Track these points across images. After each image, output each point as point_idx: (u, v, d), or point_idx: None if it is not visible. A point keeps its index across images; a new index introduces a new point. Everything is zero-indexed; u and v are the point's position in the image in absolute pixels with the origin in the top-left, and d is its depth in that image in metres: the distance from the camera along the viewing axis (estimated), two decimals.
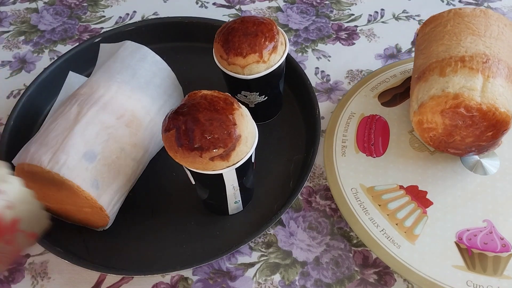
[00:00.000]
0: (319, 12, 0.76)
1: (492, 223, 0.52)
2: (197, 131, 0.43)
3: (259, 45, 0.52)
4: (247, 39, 0.52)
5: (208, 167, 0.44)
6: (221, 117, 0.44)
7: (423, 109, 0.52)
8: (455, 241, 0.51)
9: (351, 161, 0.57)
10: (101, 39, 0.66)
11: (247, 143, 0.45)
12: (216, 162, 0.44)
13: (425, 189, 0.54)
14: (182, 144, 0.44)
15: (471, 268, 0.49)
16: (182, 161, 0.45)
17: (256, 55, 0.52)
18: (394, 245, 0.50)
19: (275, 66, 0.53)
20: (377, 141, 0.58)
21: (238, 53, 0.52)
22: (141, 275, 0.49)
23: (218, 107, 0.45)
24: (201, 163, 0.44)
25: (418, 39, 0.59)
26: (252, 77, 0.53)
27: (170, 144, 0.45)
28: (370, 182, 0.55)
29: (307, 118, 0.61)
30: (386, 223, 0.52)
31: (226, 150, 0.44)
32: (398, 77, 0.65)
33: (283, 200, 0.55)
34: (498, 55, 0.51)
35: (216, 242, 0.53)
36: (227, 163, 0.45)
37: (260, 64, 0.52)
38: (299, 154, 0.59)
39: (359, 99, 0.62)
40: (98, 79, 0.53)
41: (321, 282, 0.50)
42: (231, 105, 0.45)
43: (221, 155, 0.44)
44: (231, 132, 0.44)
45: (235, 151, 0.44)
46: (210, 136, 0.43)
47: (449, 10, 0.56)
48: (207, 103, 0.45)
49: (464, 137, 0.52)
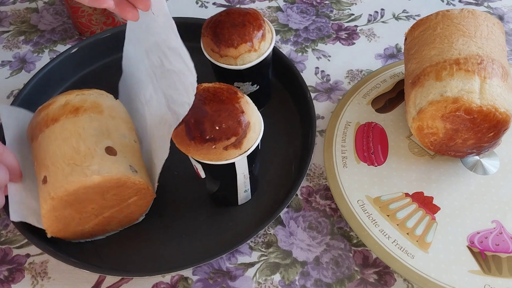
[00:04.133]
0: (319, 12, 0.76)
1: (501, 224, 0.52)
2: (207, 123, 0.44)
3: (248, 34, 0.53)
4: (236, 30, 0.53)
5: (222, 157, 0.45)
6: (228, 107, 0.44)
7: (422, 115, 0.52)
8: (467, 245, 0.50)
9: (353, 172, 0.56)
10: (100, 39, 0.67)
11: (255, 129, 0.46)
12: (230, 151, 0.44)
13: (431, 195, 0.54)
14: (194, 137, 0.44)
15: (486, 272, 0.48)
16: (196, 154, 0.45)
17: (248, 44, 0.53)
18: (408, 255, 0.49)
19: (266, 54, 0.54)
20: (377, 150, 0.58)
21: (229, 44, 0.52)
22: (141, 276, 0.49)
23: (223, 97, 0.45)
24: (214, 154, 0.44)
25: (407, 43, 0.59)
26: (245, 66, 0.54)
27: (181, 139, 0.45)
28: (376, 193, 0.54)
29: (300, 103, 0.61)
30: (397, 233, 0.51)
31: (238, 138, 0.44)
32: (389, 82, 0.64)
33: (286, 189, 0.55)
34: (491, 55, 0.51)
35: (216, 241, 0.53)
36: (240, 151, 0.45)
37: (251, 53, 0.53)
38: (296, 139, 0.60)
39: (352, 108, 0.62)
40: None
41: (321, 282, 0.50)
42: (235, 94, 0.46)
43: (234, 144, 0.44)
44: (240, 120, 0.44)
45: (246, 138, 0.45)
46: (221, 126, 0.44)
47: (437, 13, 0.56)
48: (211, 95, 0.45)
49: (465, 140, 0.52)
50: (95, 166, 0.45)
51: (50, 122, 0.49)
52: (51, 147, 0.47)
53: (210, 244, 0.52)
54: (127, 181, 0.47)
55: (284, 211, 0.55)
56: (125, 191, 0.48)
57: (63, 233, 0.50)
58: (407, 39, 0.59)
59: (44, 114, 0.50)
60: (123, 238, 0.53)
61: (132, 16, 0.48)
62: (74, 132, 0.48)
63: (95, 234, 0.52)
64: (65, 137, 0.47)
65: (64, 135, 0.48)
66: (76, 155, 0.46)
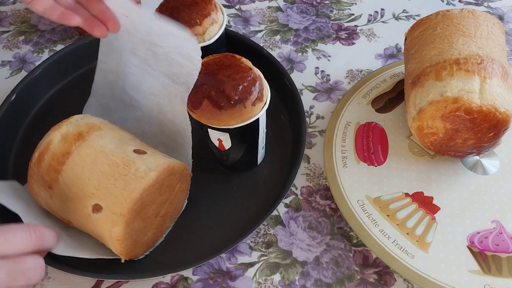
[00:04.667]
0: (319, 12, 0.76)
1: (501, 224, 0.52)
2: (228, 89, 0.46)
3: (205, 9, 0.55)
4: (192, 9, 0.54)
5: (252, 114, 0.47)
6: (237, 69, 0.47)
7: (422, 115, 0.52)
8: (467, 245, 0.50)
9: (353, 172, 0.56)
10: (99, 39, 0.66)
11: (264, 80, 0.49)
12: (256, 106, 0.47)
13: (431, 195, 0.54)
14: (223, 106, 0.46)
15: (486, 272, 0.49)
16: (230, 120, 0.46)
17: (209, 18, 0.55)
18: (408, 255, 0.50)
19: (224, 23, 0.57)
20: (377, 149, 0.58)
21: (194, 23, 0.54)
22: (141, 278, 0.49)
23: (226, 63, 0.48)
24: (247, 113, 0.47)
25: (407, 43, 0.59)
26: (215, 38, 0.55)
27: (210, 114, 0.46)
28: (376, 193, 0.54)
29: (278, 84, 0.62)
30: (397, 233, 0.51)
31: (259, 91, 0.47)
32: (389, 82, 0.64)
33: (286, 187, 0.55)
34: (491, 55, 0.51)
35: (216, 241, 0.52)
36: (262, 103, 0.48)
37: (214, 26, 0.55)
38: (288, 135, 0.60)
39: (352, 108, 0.62)
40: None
41: (321, 282, 0.50)
42: (234, 57, 0.48)
43: (258, 97, 0.47)
44: (253, 76, 0.47)
45: (264, 89, 0.48)
46: (240, 86, 0.46)
47: (437, 13, 0.56)
48: (215, 65, 0.47)
49: (465, 140, 0.52)
50: (143, 167, 0.45)
51: (62, 159, 0.46)
52: (83, 177, 0.45)
53: (210, 244, 0.52)
54: (175, 166, 0.48)
55: (284, 211, 0.55)
56: (173, 178, 0.49)
57: (134, 251, 0.48)
58: (407, 39, 0.59)
59: (48, 158, 0.47)
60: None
61: (100, 33, 0.49)
62: (97, 152, 0.46)
63: (156, 239, 0.52)
64: (92, 160, 0.46)
65: (90, 160, 0.46)
66: (116, 168, 0.45)
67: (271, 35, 0.73)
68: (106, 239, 0.46)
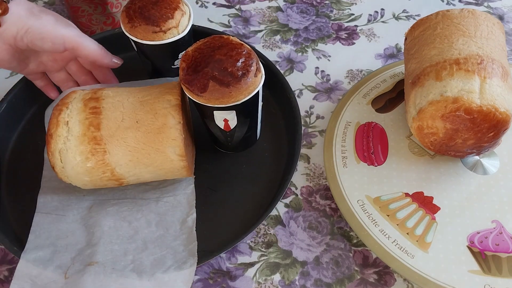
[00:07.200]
0: (319, 12, 0.76)
1: (500, 223, 0.52)
2: (229, 66, 0.47)
3: (172, 3, 0.55)
4: (160, 5, 0.54)
5: (255, 85, 0.48)
6: (230, 46, 0.48)
7: (422, 114, 0.52)
8: (467, 245, 0.50)
9: (353, 172, 0.56)
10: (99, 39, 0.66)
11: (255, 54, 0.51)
12: (258, 77, 0.49)
13: (431, 195, 0.54)
14: (229, 83, 0.47)
15: (486, 272, 0.49)
16: (239, 94, 0.47)
17: (179, 10, 0.55)
18: (408, 255, 0.50)
19: (192, 14, 0.57)
20: (377, 149, 0.58)
21: (166, 17, 0.54)
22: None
23: (218, 43, 0.48)
24: (252, 85, 0.48)
25: (407, 43, 0.59)
26: (186, 30, 0.56)
27: (218, 93, 0.47)
28: (376, 193, 0.54)
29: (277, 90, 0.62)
30: (397, 233, 0.51)
31: (256, 62, 0.48)
32: (389, 82, 0.64)
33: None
34: (491, 55, 0.51)
35: (216, 241, 0.53)
36: (260, 74, 0.50)
37: (184, 17, 0.56)
38: (283, 136, 0.60)
39: (352, 107, 0.62)
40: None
41: (321, 282, 0.50)
42: (222, 37, 0.49)
43: (257, 68, 0.49)
44: (246, 50, 0.49)
45: (258, 61, 0.49)
46: (239, 61, 0.47)
47: (437, 13, 0.56)
48: (208, 48, 0.48)
49: (465, 140, 0.52)
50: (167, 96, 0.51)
51: (95, 108, 0.50)
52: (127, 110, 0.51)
53: (210, 244, 0.52)
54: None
55: (284, 211, 0.55)
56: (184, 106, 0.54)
57: (191, 168, 0.54)
58: (407, 39, 0.59)
59: (74, 124, 0.49)
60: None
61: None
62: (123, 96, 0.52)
63: (192, 165, 0.56)
64: (125, 98, 0.51)
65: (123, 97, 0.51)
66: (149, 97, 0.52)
67: (271, 35, 0.73)
68: (170, 154, 0.49)
